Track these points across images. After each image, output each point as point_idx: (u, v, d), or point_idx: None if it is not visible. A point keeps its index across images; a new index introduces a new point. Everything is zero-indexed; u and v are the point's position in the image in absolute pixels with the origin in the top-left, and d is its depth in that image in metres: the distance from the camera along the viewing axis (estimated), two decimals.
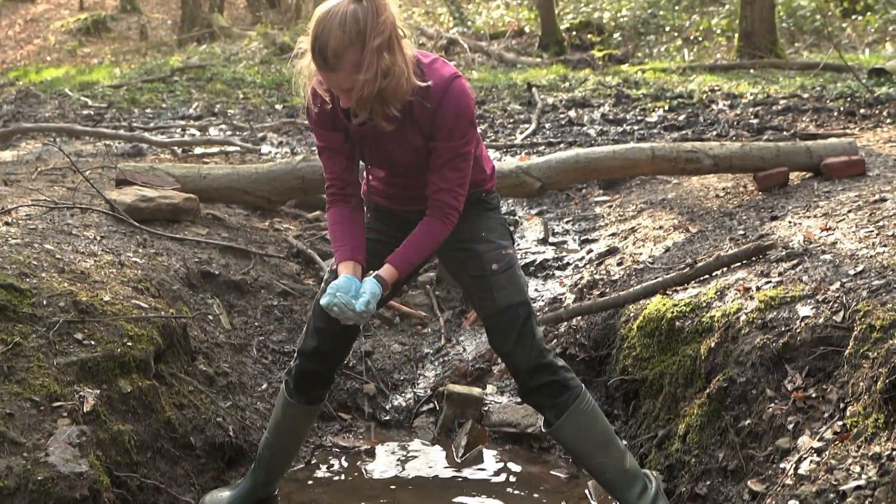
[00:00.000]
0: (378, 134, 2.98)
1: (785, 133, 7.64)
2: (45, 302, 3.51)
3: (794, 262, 3.81)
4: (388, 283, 3.01)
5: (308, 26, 2.82)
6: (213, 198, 5.64)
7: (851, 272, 3.45)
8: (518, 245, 6.03)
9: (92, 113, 11.23)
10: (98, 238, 4.48)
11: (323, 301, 2.94)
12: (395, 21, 2.79)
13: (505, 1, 22.86)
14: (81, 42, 22.99)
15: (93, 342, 3.40)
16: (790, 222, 4.52)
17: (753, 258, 4.08)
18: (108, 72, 16.09)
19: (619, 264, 4.95)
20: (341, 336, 3.18)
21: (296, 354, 3.28)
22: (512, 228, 6.38)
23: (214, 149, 8.03)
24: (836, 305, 3.22)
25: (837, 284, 3.37)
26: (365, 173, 3.25)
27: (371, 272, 3.05)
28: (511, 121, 10.00)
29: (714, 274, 4.11)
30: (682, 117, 9.24)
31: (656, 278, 4.32)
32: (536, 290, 5.24)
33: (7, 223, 4.40)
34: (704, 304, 3.76)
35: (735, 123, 8.54)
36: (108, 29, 24.48)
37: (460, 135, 2.97)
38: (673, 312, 3.81)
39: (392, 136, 2.98)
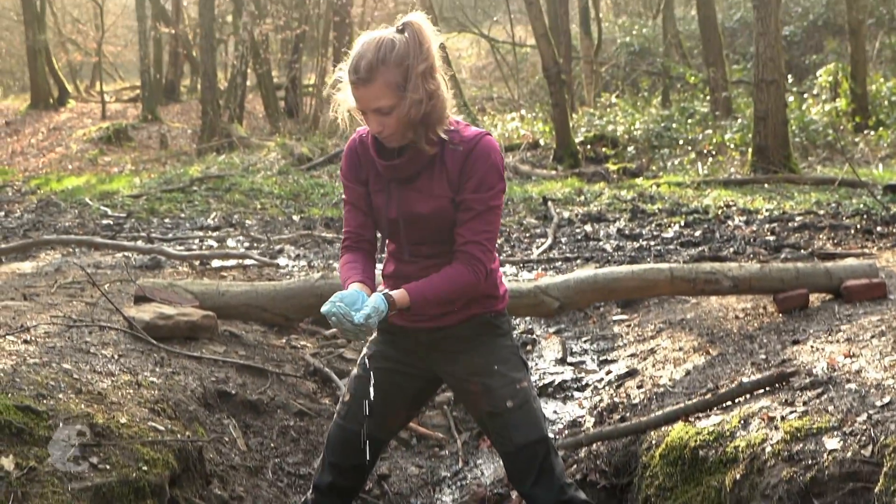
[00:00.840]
0: (403, 180, 2.99)
1: (802, 251, 7.64)
2: (61, 424, 3.48)
3: (819, 390, 3.76)
4: (395, 303, 2.87)
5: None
6: (231, 315, 5.64)
7: (878, 403, 3.40)
8: (536, 365, 5.99)
9: (111, 223, 11.35)
10: (116, 356, 4.47)
11: (324, 308, 2.82)
12: (435, 56, 2.90)
13: (520, 113, 23.24)
14: (103, 151, 23.38)
15: (108, 466, 3.36)
16: (812, 347, 4.48)
17: (777, 385, 4.03)
18: (128, 181, 16.32)
19: (639, 387, 4.90)
20: (357, 470, 3.14)
21: (312, 487, 3.23)
22: (529, 348, 6.35)
23: (232, 262, 8.06)
24: (864, 439, 3.16)
25: (864, 416, 3.31)
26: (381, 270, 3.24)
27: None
28: (527, 235, 10.05)
29: (737, 400, 4.06)
30: (698, 233, 9.27)
31: (678, 403, 4.27)
32: (555, 411, 5.18)
33: (26, 341, 4.40)
34: (728, 433, 3.69)
35: (752, 240, 8.55)
36: (130, 138, 24.92)
37: (490, 185, 2.93)
38: (696, 441, 3.75)
39: (417, 183, 2.97)
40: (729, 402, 4.06)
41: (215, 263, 8.01)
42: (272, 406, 4.82)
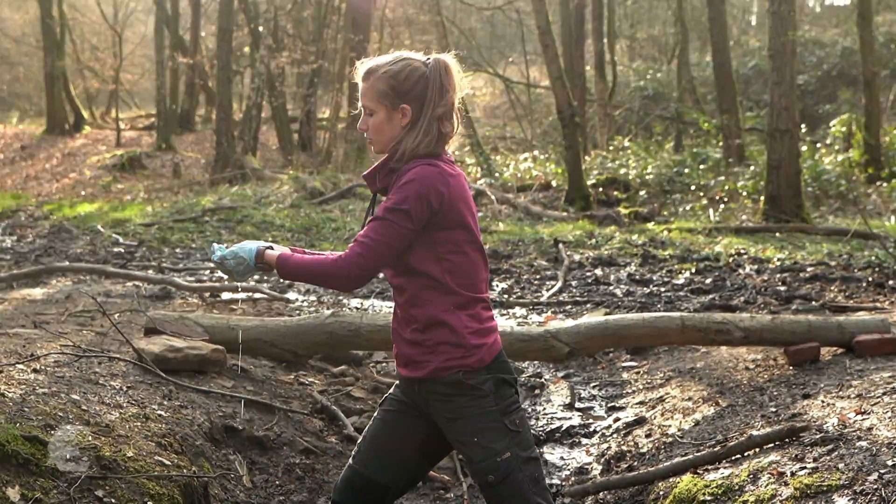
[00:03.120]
0: (380, 195, 3.08)
1: (814, 303, 7.62)
2: (68, 456, 3.47)
3: (829, 447, 3.73)
4: (262, 256, 2.99)
5: None
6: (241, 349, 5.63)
7: (890, 462, 3.37)
8: (544, 409, 5.96)
9: (123, 251, 11.39)
10: (124, 388, 4.47)
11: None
12: (440, 106, 2.95)
13: (533, 154, 23.31)
14: (116, 178, 23.50)
15: (114, 500, 3.35)
16: (823, 402, 4.45)
17: (787, 440, 4.00)
18: (140, 209, 16.39)
19: (647, 436, 4.87)
20: None
21: None
22: (537, 392, 6.32)
23: (242, 295, 8.07)
24: (874, 499, 3.13)
25: (875, 475, 3.28)
26: None
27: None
28: (537, 277, 10.05)
29: (746, 454, 4.03)
30: (708, 280, 9.25)
31: (686, 454, 4.25)
32: (562, 457, 5.15)
33: (35, 370, 4.41)
34: (737, 487, 3.67)
35: (763, 290, 8.53)
36: (143, 166, 25.05)
37: (398, 196, 2.87)
38: (705, 494, 3.72)
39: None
40: (738, 455, 4.04)
41: (225, 296, 8.02)
42: (278, 443, 4.80)
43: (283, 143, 27.02)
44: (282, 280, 9.26)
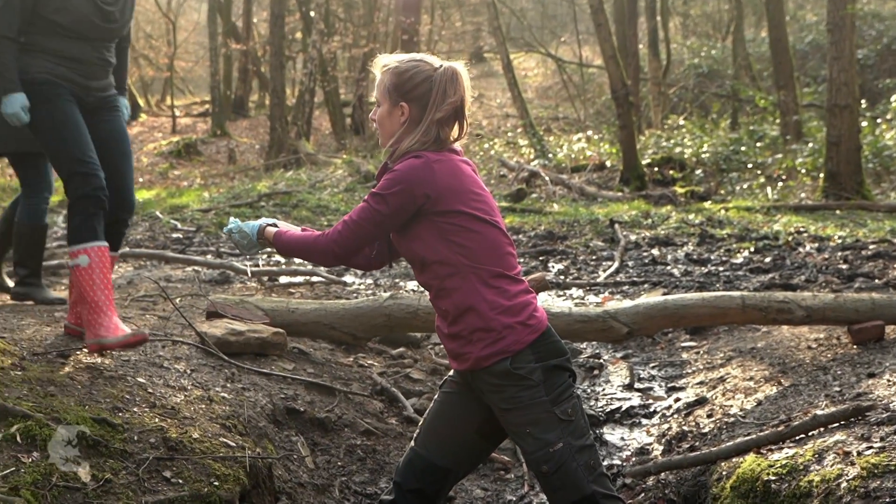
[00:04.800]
0: None
1: (877, 281, 7.50)
2: (136, 437, 3.54)
3: None
4: (262, 233, 3.27)
5: None
6: (300, 332, 5.69)
7: None
8: (603, 390, 5.94)
9: (181, 236, 11.52)
10: (188, 371, 4.54)
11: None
12: (441, 111, 3.04)
13: (586, 135, 23.16)
14: (173, 164, 23.78)
15: (181, 481, 3.40)
16: (889, 381, 4.38)
17: (852, 419, 3.95)
18: (197, 195, 16.57)
19: (708, 416, 4.84)
20: (417, 496, 3.12)
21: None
22: (596, 372, 6.30)
23: (300, 279, 8.14)
24: None
25: None
26: None
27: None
28: (594, 258, 10.00)
29: (810, 434, 3.98)
30: (768, 259, 9.14)
31: (748, 434, 4.21)
32: (622, 438, 5.14)
33: (102, 354, 4.48)
34: (802, 467, 3.63)
35: (824, 268, 8.41)
36: (199, 152, 25.31)
37: (380, 184, 3.03)
38: (769, 474, 3.69)
39: None
40: (802, 435, 3.99)
41: (283, 280, 8.09)
42: (339, 424, 4.84)
43: (335, 127, 27.13)
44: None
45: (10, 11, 4.25)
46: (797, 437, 4.00)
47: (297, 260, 9.71)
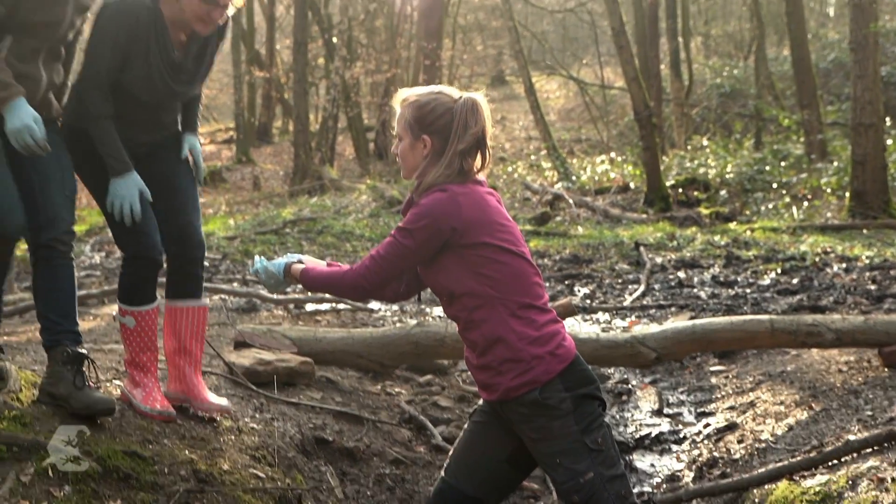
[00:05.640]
0: None
1: None
2: (166, 470, 3.54)
3: None
4: (289, 271, 3.28)
5: None
6: (328, 360, 5.70)
7: None
8: (632, 416, 5.91)
9: (207, 264, 11.57)
10: None
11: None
12: (463, 142, 3.05)
13: (609, 157, 23.14)
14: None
15: None
16: None
17: (886, 444, 3.91)
18: (223, 222, 16.66)
19: (739, 441, 4.80)
20: None
21: None
22: (624, 398, 6.27)
23: (326, 306, 8.15)
24: None
25: None
26: None
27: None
28: (619, 281, 9.97)
29: (843, 459, 3.95)
30: (795, 281, 9.08)
31: (780, 460, 4.17)
32: (652, 465, 5.10)
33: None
34: (836, 494, 3.59)
35: (852, 289, 8.35)
36: (224, 179, 25.47)
37: (406, 218, 3.05)
38: (802, 501, 3.66)
39: None
40: (835, 461, 3.96)
41: (309, 307, 8.11)
42: (368, 453, 4.84)
43: (359, 152, 27.25)
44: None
45: (98, 90, 3.80)
46: (830, 463, 3.96)
47: None
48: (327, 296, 8.43)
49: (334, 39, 26.21)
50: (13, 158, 3.64)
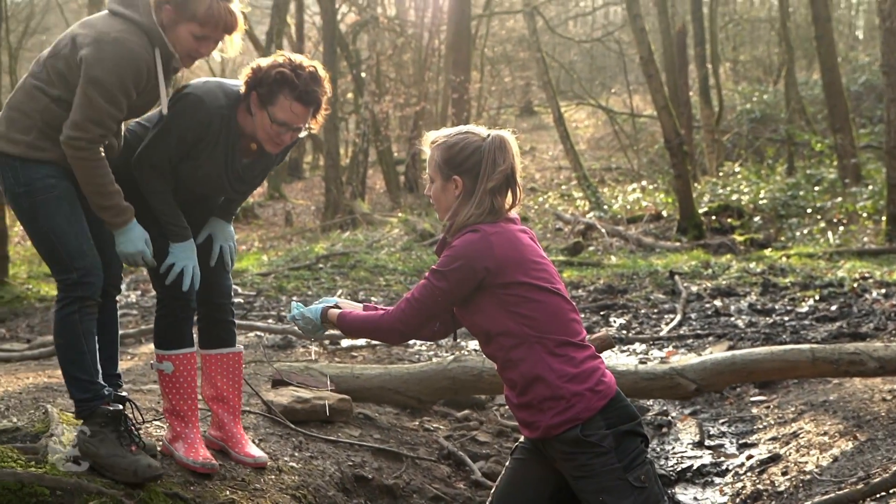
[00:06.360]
0: None
1: None
2: None
3: None
4: (325, 316, 3.31)
5: None
6: (365, 397, 5.70)
7: None
8: (672, 448, 5.85)
9: (242, 301, 11.62)
10: (256, 441, 4.55)
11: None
12: (492, 180, 3.07)
13: (641, 185, 23.06)
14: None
15: None
16: None
17: None
18: (256, 259, 16.73)
19: (783, 473, 4.74)
20: None
21: None
22: (664, 430, 6.21)
23: (362, 341, 8.15)
24: None
25: None
26: None
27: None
28: (655, 311, 9.90)
29: (891, 491, 3.88)
30: (834, 307, 8.98)
31: (826, 492, 4.12)
32: (695, 498, 5.04)
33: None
34: None
35: (893, 315, 8.24)
36: (256, 215, 25.62)
37: (440, 260, 3.05)
38: None
39: None
40: (883, 493, 3.90)
41: (345, 343, 8.11)
42: (408, 490, 4.82)
43: (389, 186, 27.34)
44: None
45: (153, 170, 3.78)
46: (878, 495, 3.90)
47: None
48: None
49: (363, 74, 26.39)
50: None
